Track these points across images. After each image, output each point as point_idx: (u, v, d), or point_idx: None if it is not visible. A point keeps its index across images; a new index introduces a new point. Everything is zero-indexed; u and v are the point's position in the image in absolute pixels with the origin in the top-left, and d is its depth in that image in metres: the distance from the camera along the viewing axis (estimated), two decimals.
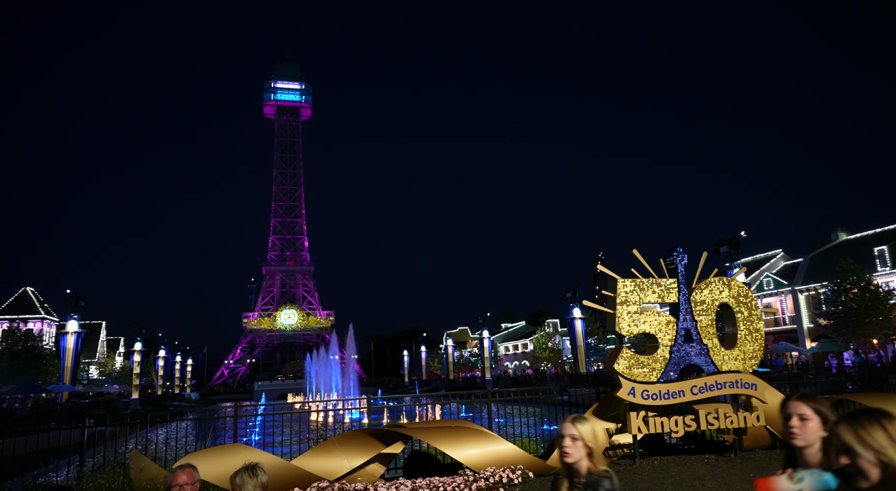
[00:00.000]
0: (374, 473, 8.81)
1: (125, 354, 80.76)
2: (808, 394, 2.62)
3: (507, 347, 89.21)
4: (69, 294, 39.68)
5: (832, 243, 48.37)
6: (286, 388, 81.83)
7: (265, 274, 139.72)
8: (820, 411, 2.50)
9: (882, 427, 1.91)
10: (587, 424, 3.11)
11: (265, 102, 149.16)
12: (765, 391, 9.63)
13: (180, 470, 4.32)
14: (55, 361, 42.39)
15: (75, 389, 39.64)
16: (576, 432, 3.09)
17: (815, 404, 2.52)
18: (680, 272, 9.85)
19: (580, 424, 3.09)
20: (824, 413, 2.49)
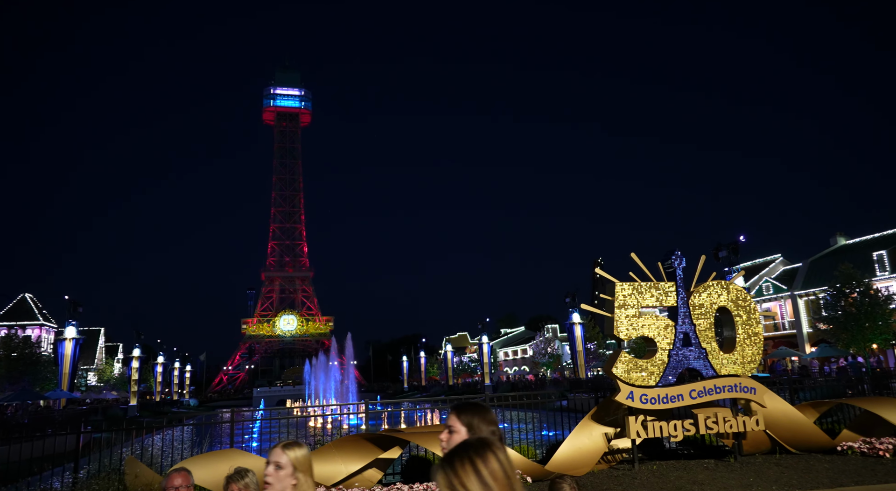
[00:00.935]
0: (371, 479, 8.75)
1: (124, 361, 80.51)
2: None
3: (506, 352, 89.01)
4: (67, 300, 39.57)
5: (831, 248, 48.37)
6: (285, 394, 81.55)
7: (264, 280, 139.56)
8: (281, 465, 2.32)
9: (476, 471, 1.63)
10: (300, 451, 2.69)
11: (264, 108, 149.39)
12: (764, 395, 9.58)
13: (175, 473, 4.30)
14: (53, 368, 42.25)
15: (73, 395, 39.47)
16: (283, 460, 2.65)
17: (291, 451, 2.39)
18: (678, 276, 9.82)
19: (291, 450, 2.67)
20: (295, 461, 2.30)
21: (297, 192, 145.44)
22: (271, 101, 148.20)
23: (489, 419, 2.29)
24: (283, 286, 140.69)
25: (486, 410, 2.35)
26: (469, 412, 2.33)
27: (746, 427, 9.32)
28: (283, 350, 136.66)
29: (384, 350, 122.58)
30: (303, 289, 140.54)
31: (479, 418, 2.28)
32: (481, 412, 2.32)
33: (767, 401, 9.62)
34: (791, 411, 9.97)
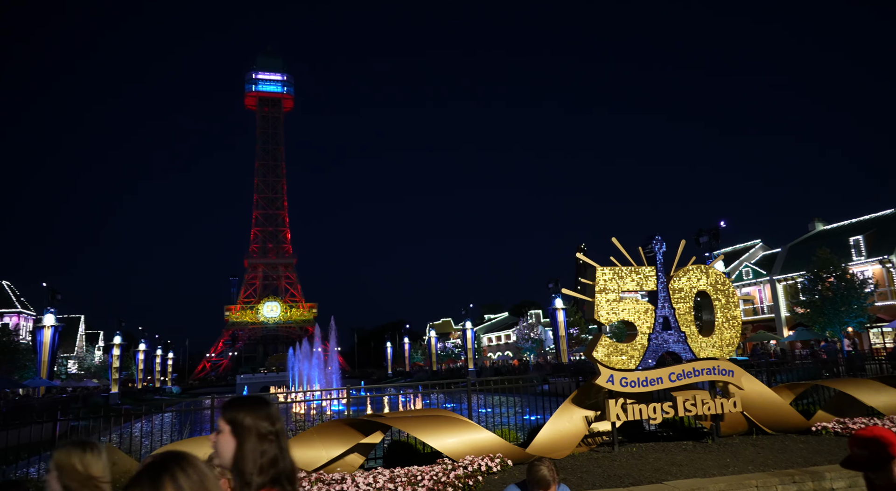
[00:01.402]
0: (353, 464, 8.75)
1: (104, 348, 79.73)
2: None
3: (490, 337, 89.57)
4: (46, 288, 39.01)
5: (809, 233, 49.10)
6: (269, 380, 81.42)
7: (247, 266, 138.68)
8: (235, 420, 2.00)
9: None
10: (75, 455, 2.40)
11: (246, 93, 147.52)
12: (742, 378, 9.71)
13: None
14: (32, 356, 41.66)
15: (53, 383, 39.02)
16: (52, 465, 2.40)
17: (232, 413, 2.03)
18: (658, 260, 9.87)
19: (65, 454, 2.40)
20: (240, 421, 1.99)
21: (280, 178, 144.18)
22: (253, 86, 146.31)
23: (262, 415, 2.02)
24: (266, 273, 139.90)
25: (259, 404, 2.07)
26: (234, 409, 2.03)
27: (724, 409, 9.45)
28: (266, 337, 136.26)
29: (368, 337, 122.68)
30: (286, 275, 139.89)
31: (246, 415, 2.01)
32: (251, 408, 2.04)
33: (745, 383, 9.75)
34: (768, 393, 10.13)
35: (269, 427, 2.01)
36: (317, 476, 7.68)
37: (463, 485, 7.41)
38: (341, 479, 7.46)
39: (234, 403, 2.08)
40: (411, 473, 7.59)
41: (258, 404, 2.07)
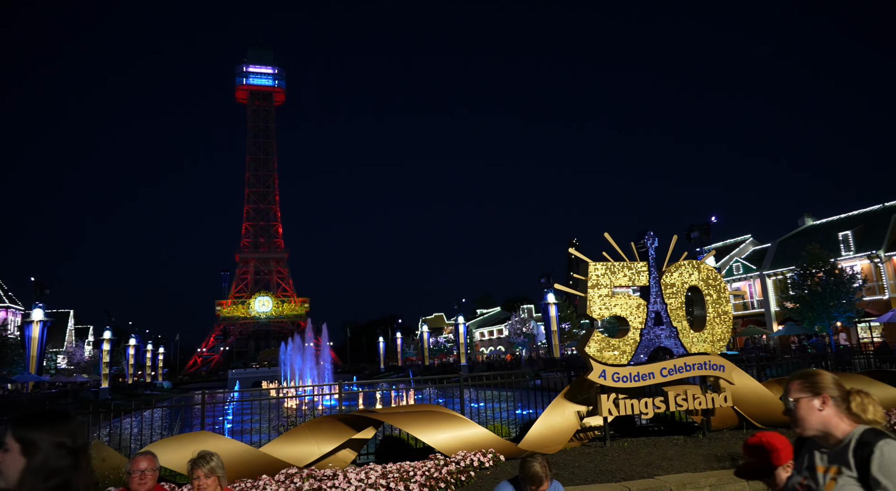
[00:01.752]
0: (345, 459, 8.73)
1: (94, 343, 79.25)
2: None
3: (482, 332, 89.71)
4: (34, 282, 38.67)
5: (799, 229, 49.44)
6: (260, 375, 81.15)
7: (238, 261, 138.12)
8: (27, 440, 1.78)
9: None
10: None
11: (237, 87, 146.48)
12: (732, 373, 9.76)
13: (140, 457, 4.24)
14: (20, 351, 41.32)
15: (42, 378, 38.75)
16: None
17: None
18: (651, 256, 9.89)
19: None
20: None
21: (272, 172, 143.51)
22: (244, 80, 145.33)
23: (59, 432, 1.81)
24: (257, 267, 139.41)
25: (58, 420, 1.85)
26: (26, 425, 1.81)
27: (715, 404, 9.50)
28: (258, 332, 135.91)
29: (360, 331, 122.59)
30: (278, 270, 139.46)
31: (40, 431, 1.79)
32: (47, 424, 1.82)
33: (735, 378, 9.81)
34: (758, 388, 10.19)
35: (68, 444, 1.81)
36: (308, 472, 7.66)
37: (455, 480, 7.41)
38: (333, 474, 7.44)
39: (26, 417, 1.84)
40: (403, 468, 7.58)
41: (56, 420, 1.85)
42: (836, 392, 2.32)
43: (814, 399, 2.32)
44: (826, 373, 2.39)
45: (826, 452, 2.30)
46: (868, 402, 2.32)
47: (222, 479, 3.94)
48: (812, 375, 2.41)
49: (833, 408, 2.29)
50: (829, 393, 2.31)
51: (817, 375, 2.40)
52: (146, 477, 4.15)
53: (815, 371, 2.42)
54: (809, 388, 2.36)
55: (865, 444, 2.15)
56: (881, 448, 2.10)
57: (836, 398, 2.30)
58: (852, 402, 2.31)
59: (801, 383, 2.39)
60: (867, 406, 2.30)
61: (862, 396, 2.33)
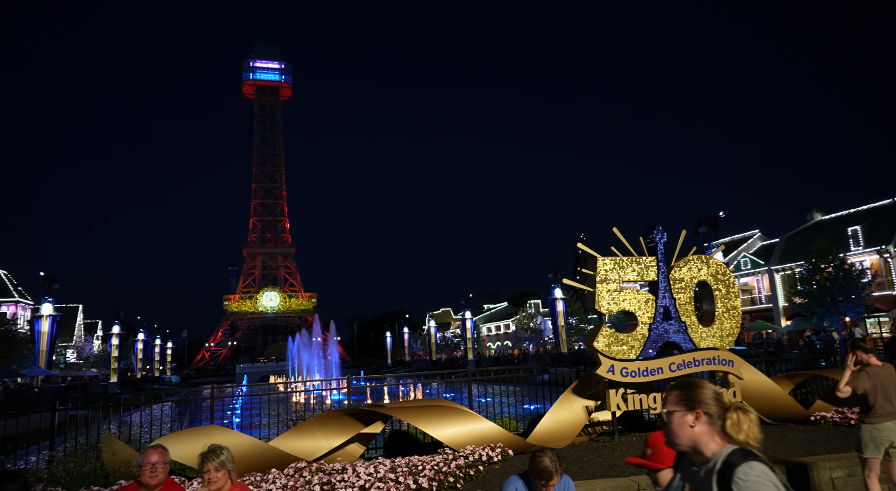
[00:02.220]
0: (353, 453, 8.75)
1: (103, 338, 79.73)
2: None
3: (489, 327, 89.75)
4: (43, 277, 38.92)
5: (808, 224, 49.10)
6: (268, 370, 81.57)
7: (246, 256, 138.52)
8: None
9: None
10: None
11: (244, 82, 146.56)
12: (741, 368, 9.71)
13: (151, 450, 4.25)
14: (30, 345, 41.64)
15: (51, 373, 39.06)
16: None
17: None
18: (659, 250, 9.84)
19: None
20: None
21: (279, 167, 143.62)
22: (251, 75, 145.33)
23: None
24: (265, 262, 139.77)
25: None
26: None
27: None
28: (265, 326, 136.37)
29: (368, 326, 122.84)
30: (285, 265, 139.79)
31: None
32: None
33: (745, 373, 9.76)
34: (767, 383, 10.14)
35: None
36: (317, 466, 7.68)
37: (464, 475, 7.41)
38: (342, 468, 7.45)
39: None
40: (412, 462, 7.59)
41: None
42: (713, 409, 2.20)
43: (687, 414, 2.22)
44: (708, 387, 2.28)
45: (695, 469, 2.21)
46: (744, 420, 2.19)
47: (232, 472, 3.95)
48: (692, 387, 2.28)
49: (706, 425, 2.18)
50: (703, 409, 2.20)
51: (697, 388, 2.27)
52: (157, 470, 4.16)
53: (697, 383, 2.30)
54: (685, 401, 2.25)
55: (729, 466, 2.04)
56: (743, 471, 2.00)
57: (712, 415, 2.19)
58: (728, 420, 2.19)
59: (678, 395, 2.28)
60: (742, 425, 2.18)
61: (739, 413, 2.21)
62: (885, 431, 6.15)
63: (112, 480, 7.45)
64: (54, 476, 7.49)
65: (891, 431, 6.14)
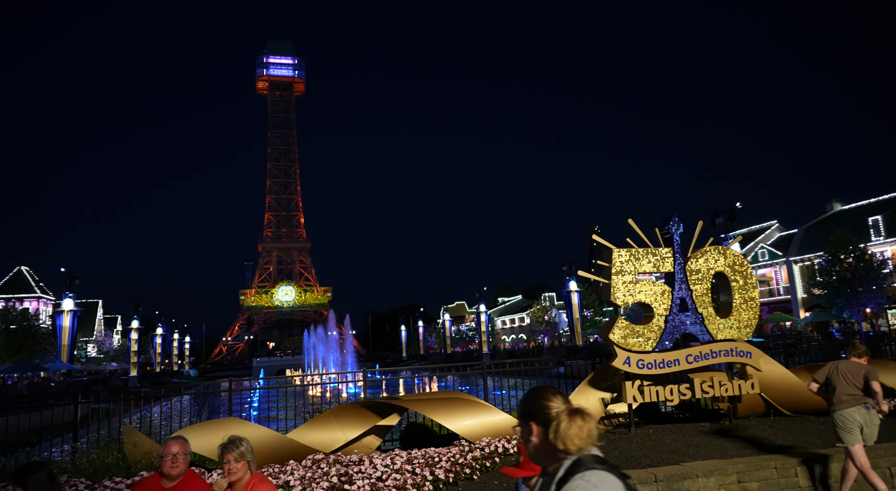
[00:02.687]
0: (370, 446, 8.82)
1: (122, 333, 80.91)
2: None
3: (504, 320, 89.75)
4: (63, 273, 39.54)
5: (827, 214, 48.41)
6: (285, 364, 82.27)
7: (261, 251, 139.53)
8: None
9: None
10: None
11: (258, 78, 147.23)
12: (759, 359, 9.62)
13: (172, 441, 4.31)
14: (52, 340, 42.38)
15: (73, 367, 39.74)
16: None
17: None
18: (675, 241, 9.76)
19: None
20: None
21: (293, 162, 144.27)
22: (264, 70, 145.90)
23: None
24: (280, 257, 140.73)
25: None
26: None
27: (742, 391, 9.38)
28: (281, 321, 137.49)
29: (382, 320, 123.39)
30: (300, 260, 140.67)
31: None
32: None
33: (763, 365, 9.67)
34: (786, 375, 10.04)
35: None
36: (335, 458, 7.75)
37: (480, 466, 7.44)
38: (359, 460, 7.52)
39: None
40: (428, 454, 7.63)
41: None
42: (548, 418, 2.07)
43: (525, 427, 2.13)
44: (543, 395, 2.15)
45: (547, 478, 2.10)
46: (573, 427, 2.04)
47: (252, 463, 3.99)
48: (528, 398, 2.16)
49: (541, 436, 2.09)
50: (537, 421, 2.10)
51: (532, 398, 2.15)
52: (178, 461, 4.22)
53: (535, 393, 2.16)
54: (522, 414, 2.15)
55: (567, 476, 1.96)
56: (575, 482, 1.92)
57: (547, 425, 2.07)
58: (558, 428, 2.04)
59: (519, 407, 2.18)
60: (569, 433, 2.02)
61: (568, 419, 2.06)
62: (850, 416, 6.53)
63: (134, 471, 7.58)
64: (78, 467, 7.63)
65: (857, 414, 6.51)
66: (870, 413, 6.56)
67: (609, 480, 1.93)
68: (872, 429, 6.55)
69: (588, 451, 2.02)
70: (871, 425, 6.54)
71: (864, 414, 6.54)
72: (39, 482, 3.53)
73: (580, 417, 2.05)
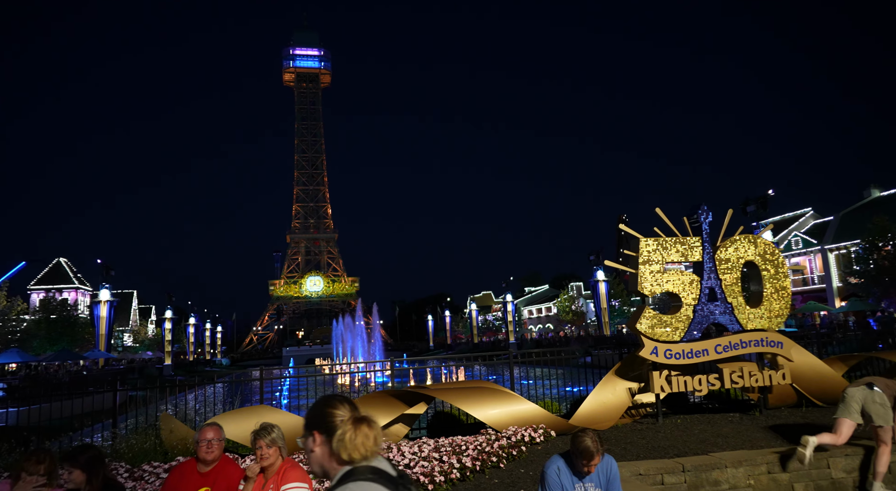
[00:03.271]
0: (398, 433, 8.95)
1: (157, 322, 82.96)
2: None
3: (530, 310, 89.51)
4: (100, 264, 40.66)
5: (864, 200, 47.06)
6: (314, 353, 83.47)
7: (290, 242, 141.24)
8: None
9: None
10: None
11: (284, 70, 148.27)
12: (791, 349, 9.48)
13: (207, 428, 4.47)
14: (90, 329, 43.73)
15: (110, 355, 40.97)
16: None
17: None
18: (704, 230, 9.64)
19: None
20: None
21: (320, 154, 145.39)
22: (290, 62, 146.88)
23: None
24: (308, 248, 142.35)
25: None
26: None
27: (772, 381, 9.26)
28: (310, 310, 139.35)
29: (410, 309, 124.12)
30: (328, 250, 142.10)
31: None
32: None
33: (794, 355, 9.52)
34: (818, 365, 9.87)
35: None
36: None
37: (507, 455, 7.50)
38: (387, 447, 7.64)
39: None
40: (455, 442, 7.72)
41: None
42: (332, 427, 2.00)
43: (308, 437, 2.04)
44: (331, 402, 2.06)
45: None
46: (359, 436, 1.95)
47: (283, 449, 4.11)
48: (315, 405, 2.09)
49: (325, 446, 1.99)
50: (320, 429, 2.00)
51: (318, 405, 2.08)
52: (213, 446, 4.37)
53: (321, 401, 2.09)
54: (308, 423, 2.05)
55: (332, 489, 1.88)
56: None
57: (330, 434, 1.98)
58: (343, 437, 1.95)
59: (305, 417, 2.09)
60: (355, 442, 1.94)
61: (353, 428, 1.97)
62: (850, 393, 6.92)
63: (171, 456, 7.83)
64: (118, 452, 7.92)
65: (857, 392, 6.85)
66: (872, 393, 6.75)
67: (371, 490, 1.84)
68: (876, 408, 6.68)
69: (370, 461, 1.95)
70: (873, 404, 6.70)
71: (867, 393, 6.77)
72: (92, 460, 3.96)
73: (366, 425, 1.99)
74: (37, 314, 46.30)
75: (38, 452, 4.11)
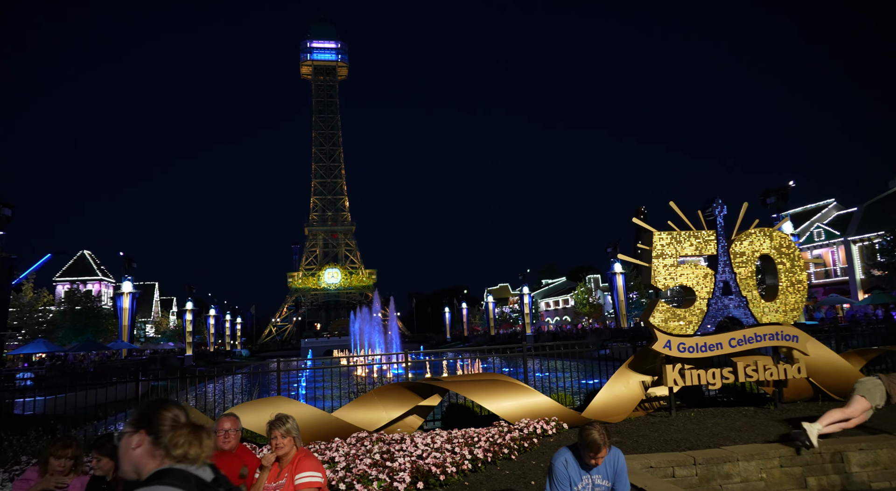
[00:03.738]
0: (412, 425, 9.08)
1: (178, 314, 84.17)
2: None
3: (547, 303, 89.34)
4: (122, 256, 41.34)
5: (890, 191, 46.10)
6: (331, 344, 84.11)
7: (308, 235, 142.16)
8: None
9: None
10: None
11: (301, 63, 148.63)
12: (807, 343, 9.43)
13: (224, 418, 4.62)
14: (113, 320, 44.59)
15: (133, 346, 41.73)
16: None
17: None
18: (719, 224, 9.60)
19: None
20: None
21: (337, 146, 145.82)
22: (308, 55, 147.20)
23: None
24: (326, 240, 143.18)
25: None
26: None
27: (787, 375, 9.22)
28: (328, 302, 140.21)
29: (426, 302, 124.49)
30: (346, 242, 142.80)
31: None
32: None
33: (810, 348, 9.47)
34: (835, 359, 9.81)
35: None
36: (377, 436, 8.03)
37: (519, 447, 7.59)
38: (401, 438, 7.77)
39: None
40: (468, 434, 7.82)
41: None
42: (162, 427, 1.93)
43: (134, 435, 1.95)
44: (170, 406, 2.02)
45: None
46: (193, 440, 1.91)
47: (297, 439, 4.24)
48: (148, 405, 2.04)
49: (149, 445, 1.92)
50: (149, 428, 1.94)
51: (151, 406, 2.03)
52: (230, 436, 4.52)
53: (154, 402, 2.06)
54: (137, 420, 1.99)
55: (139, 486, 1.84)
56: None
57: (158, 434, 1.92)
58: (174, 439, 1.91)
59: (131, 416, 2.05)
60: (176, 443, 1.90)
61: (189, 433, 1.92)
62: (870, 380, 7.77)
63: None
64: None
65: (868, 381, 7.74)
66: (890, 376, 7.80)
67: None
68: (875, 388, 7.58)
69: (190, 467, 1.90)
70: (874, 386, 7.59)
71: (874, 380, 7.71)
72: None
73: (205, 433, 1.97)
74: (62, 305, 47.31)
75: (64, 439, 4.31)
